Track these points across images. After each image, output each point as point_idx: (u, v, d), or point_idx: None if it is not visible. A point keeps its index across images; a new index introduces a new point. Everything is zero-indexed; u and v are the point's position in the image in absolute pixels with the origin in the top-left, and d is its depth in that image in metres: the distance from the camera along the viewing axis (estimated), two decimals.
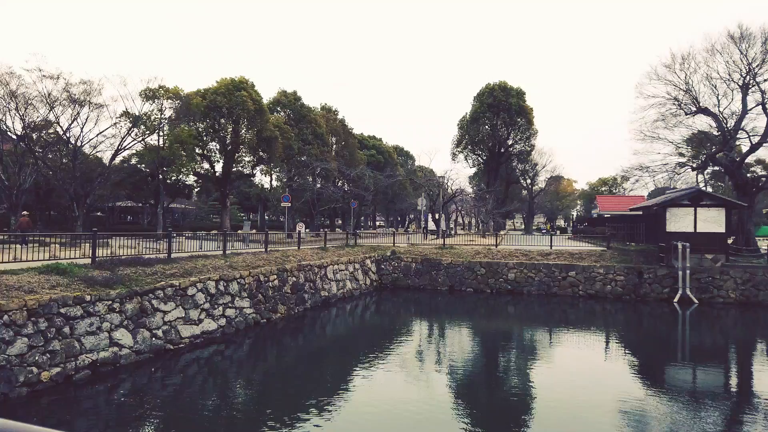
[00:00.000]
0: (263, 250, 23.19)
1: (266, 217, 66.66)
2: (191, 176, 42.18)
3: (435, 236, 46.63)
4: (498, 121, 58.59)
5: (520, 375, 13.88)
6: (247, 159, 42.82)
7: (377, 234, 46.98)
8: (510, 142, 61.09)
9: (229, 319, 17.07)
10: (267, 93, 79.79)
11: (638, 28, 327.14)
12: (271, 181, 54.45)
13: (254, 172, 45.74)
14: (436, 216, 56.66)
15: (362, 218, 75.85)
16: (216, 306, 16.71)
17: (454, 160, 64.84)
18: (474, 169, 70.35)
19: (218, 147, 40.52)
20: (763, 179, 32.82)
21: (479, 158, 63.79)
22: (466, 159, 64.49)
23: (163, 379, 12.36)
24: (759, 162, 51.14)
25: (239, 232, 31.86)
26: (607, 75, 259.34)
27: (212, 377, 13.02)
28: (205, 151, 40.01)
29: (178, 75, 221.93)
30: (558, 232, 75.78)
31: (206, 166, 41.11)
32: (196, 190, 56.77)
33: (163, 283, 14.91)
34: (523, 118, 58.75)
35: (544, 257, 28.10)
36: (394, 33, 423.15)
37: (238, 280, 18.06)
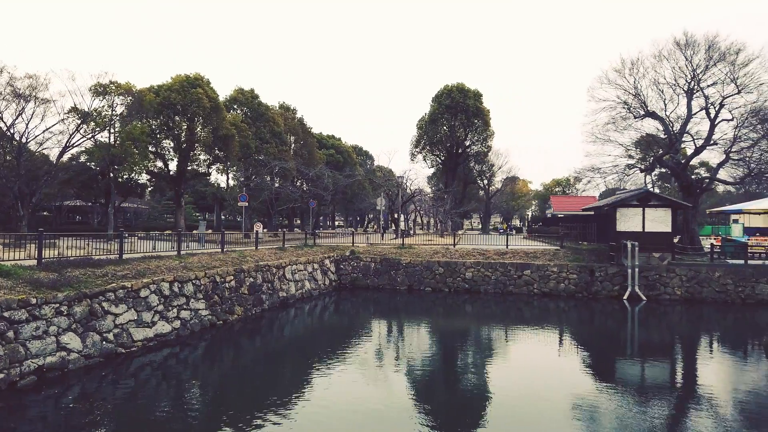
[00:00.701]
0: (220, 250, 22.77)
1: (223, 217, 65.49)
2: (144, 175, 40.96)
3: (394, 236, 46.82)
4: (456, 122, 59.33)
5: (477, 372, 14.10)
6: (202, 157, 41.95)
7: (336, 234, 46.81)
8: (467, 143, 61.97)
9: (184, 321, 16.69)
10: (223, 91, 78.64)
11: (596, 34, 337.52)
12: (227, 180, 53.61)
13: (210, 171, 44.88)
14: (396, 216, 56.87)
15: (321, 218, 75.47)
16: (170, 308, 16.30)
17: (412, 160, 65.36)
18: (432, 170, 71.11)
19: (172, 145, 39.47)
20: (707, 181, 34.35)
21: (437, 159, 64.47)
22: (424, 159, 65.07)
23: (115, 384, 11.97)
24: (703, 164, 53.64)
25: (194, 232, 31.16)
26: (562, 79, 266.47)
27: (166, 381, 12.69)
28: (159, 149, 38.92)
29: (130, 71, 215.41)
30: (514, 231, 77.36)
31: (160, 164, 39.99)
32: (149, 189, 55.24)
33: (114, 284, 14.46)
34: (480, 120, 59.67)
35: (500, 256, 28.62)
36: (353, 33, 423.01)
37: (194, 281, 17.68)
